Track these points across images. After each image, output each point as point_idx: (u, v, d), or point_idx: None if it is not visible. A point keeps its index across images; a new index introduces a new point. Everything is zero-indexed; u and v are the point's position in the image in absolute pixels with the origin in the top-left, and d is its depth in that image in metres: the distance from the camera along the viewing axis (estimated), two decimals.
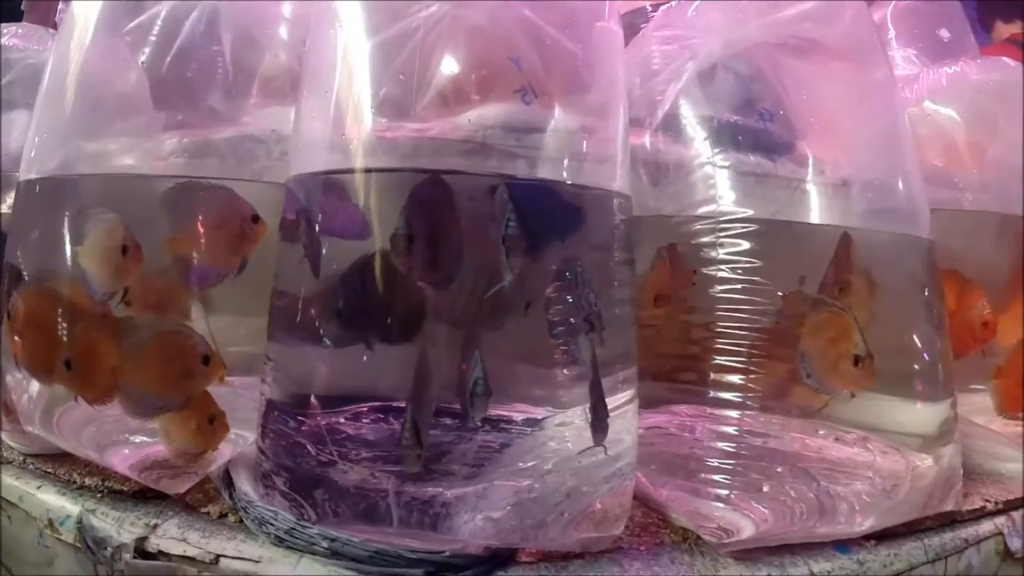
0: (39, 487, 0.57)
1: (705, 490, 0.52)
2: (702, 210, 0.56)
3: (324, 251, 0.49)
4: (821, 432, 0.57)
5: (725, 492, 0.51)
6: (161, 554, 0.49)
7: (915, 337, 0.58)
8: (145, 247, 0.56)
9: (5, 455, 0.62)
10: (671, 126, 0.61)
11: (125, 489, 0.55)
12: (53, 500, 0.55)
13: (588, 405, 0.47)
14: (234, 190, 0.59)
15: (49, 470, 0.59)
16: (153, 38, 0.60)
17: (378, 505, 0.47)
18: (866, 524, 0.53)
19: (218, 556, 0.48)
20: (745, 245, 0.54)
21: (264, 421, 0.52)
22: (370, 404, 0.51)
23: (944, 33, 0.92)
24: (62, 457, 0.59)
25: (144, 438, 0.57)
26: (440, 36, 0.49)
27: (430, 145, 0.48)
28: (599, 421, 0.47)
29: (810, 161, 0.59)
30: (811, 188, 0.58)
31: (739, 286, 0.53)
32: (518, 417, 0.48)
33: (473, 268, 0.47)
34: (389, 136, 0.48)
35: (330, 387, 0.50)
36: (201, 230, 0.57)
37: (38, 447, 0.60)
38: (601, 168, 0.52)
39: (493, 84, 0.49)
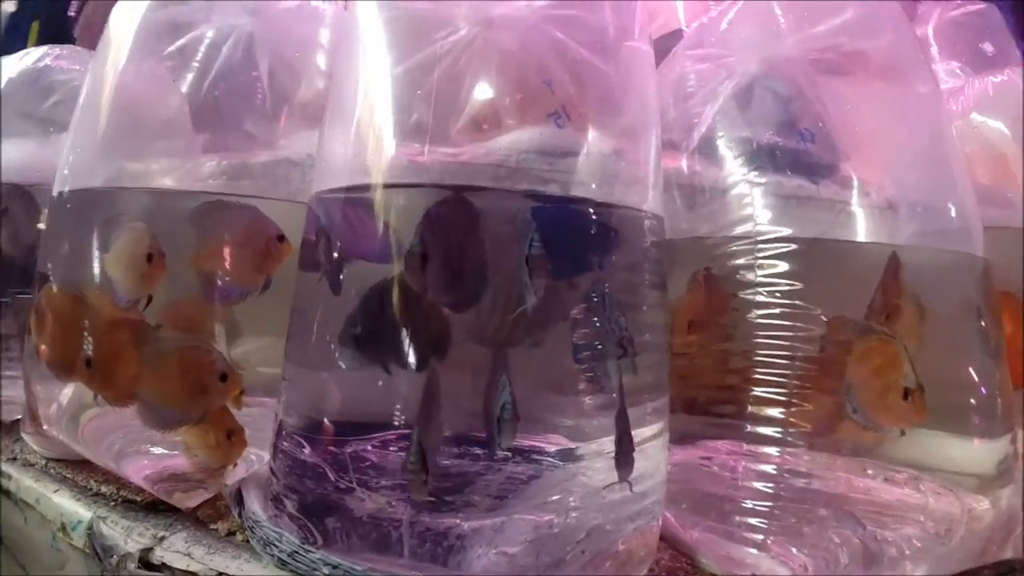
0: (56, 491, 0.55)
1: (739, 534, 0.44)
2: (739, 230, 0.49)
3: (344, 272, 0.44)
4: (869, 471, 0.49)
5: (761, 537, 0.43)
6: (164, 567, 0.45)
7: (971, 368, 0.49)
8: (173, 266, 0.52)
9: (28, 458, 0.60)
10: (708, 148, 0.54)
11: (138, 499, 0.52)
12: (68, 505, 0.53)
13: (613, 437, 0.41)
14: (260, 209, 0.54)
15: (68, 475, 0.56)
16: (196, 64, 0.57)
17: (390, 534, 0.41)
18: (917, 573, 0.44)
19: (220, 574, 0.44)
20: (785, 266, 0.47)
21: (277, 442, 0.46)
22: (397, 432, 0.45)
23: (988, 47, 0.83)
24: (82, 463, 0.56)
25: (163, 450, 0.53)
26: (471, 60, 0.44)
27: (462, 170, 0.43)
28: (624, 455, 0.41)
29: (855, 182, 0.51)
30: (856, 211, 0.50)
31: (779, 311, 0.46)
32: (550, 448, 0.42)
33: (497, 289, 0.41)
34: (421, 160, 0.43)
35: (347, 413, 0.44)
36: (225, 248, 0.53)
37: (60, 452, 0.58)
38: (632, 189, 0.46)
39: (527, 108, 0.44)
